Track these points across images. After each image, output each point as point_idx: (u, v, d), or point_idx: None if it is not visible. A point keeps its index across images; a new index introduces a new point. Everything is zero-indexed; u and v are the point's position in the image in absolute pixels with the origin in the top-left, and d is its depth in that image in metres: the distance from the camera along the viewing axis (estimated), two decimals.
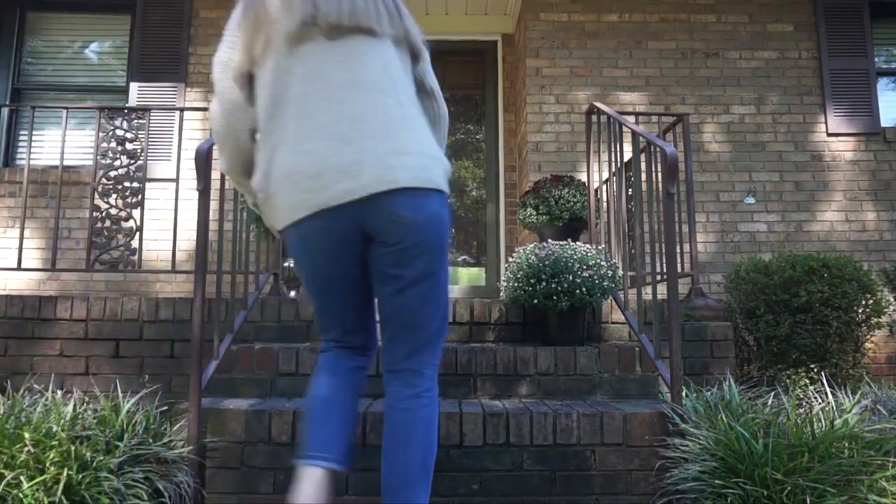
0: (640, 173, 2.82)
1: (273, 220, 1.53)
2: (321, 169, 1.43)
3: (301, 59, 1.49)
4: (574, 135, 4.99)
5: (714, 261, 4.86)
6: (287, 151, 1.46)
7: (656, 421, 2.25)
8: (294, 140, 1.46)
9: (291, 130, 1.47)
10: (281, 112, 1.49)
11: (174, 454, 2.07)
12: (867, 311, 3.62)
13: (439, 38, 5.78)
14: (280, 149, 1.48)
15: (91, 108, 4.48)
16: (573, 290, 2.77)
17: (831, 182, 4.98)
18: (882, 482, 1.81)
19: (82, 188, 4.83)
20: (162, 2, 5.12)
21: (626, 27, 5.15)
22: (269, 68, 1.51)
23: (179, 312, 3.10)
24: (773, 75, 5.10)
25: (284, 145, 1.47)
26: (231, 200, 3.51)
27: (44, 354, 3.07)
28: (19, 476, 1.79)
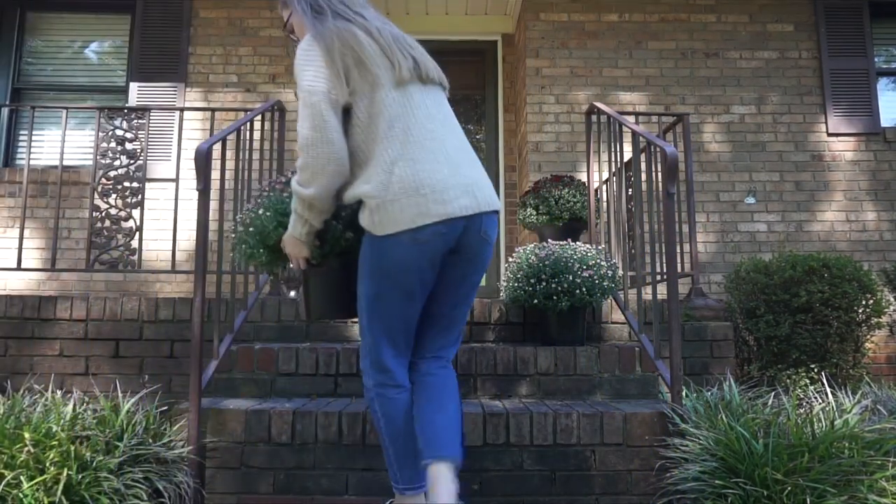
0: (640, 173, 2.82)
1: (387, 225, 1.69)
2: (447, 186, 1.70)
3: (409, 94, 1.78)
4: (574, 135, 4.99)
5: (714, 261, 4.86)
6: (410, 167, 1.70)
7: (656, 421, 2.25)
8: (416, 159, 1.71)
9: (412, 150, 1.72)
10: (397, 134, 1.73)
11: (174, 454, 2.07)
12: (867, 311, 3.62)
13: (439, 38, 5.77)
14: (399, 164, 1.70)
15: (91, 108, 4.48)
16: (573, 290, 2.77)
17: (831, 182, 4.98)
18: (882, 482, 1.80)
19: (82, 188, 4.83)
20: (162, 2, 5.12)
21: (626, 27, 5.15)
22: (378, 99, 1.75)
23: (179, 312, 3.10)
24: (774, 75, 5.10)
25: (405, 162, 1.70)
26: (231, 200, 3.51)
27: (44, 354, 3.07)
28: (19, 476, 1.79)
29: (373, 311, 1.77)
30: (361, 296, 1.79)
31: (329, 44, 1.74)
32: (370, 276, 1.75)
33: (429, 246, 1.70)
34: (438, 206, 1.68)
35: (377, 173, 1.70)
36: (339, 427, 2.24)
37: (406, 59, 1.78)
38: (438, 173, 1.71)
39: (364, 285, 1.78)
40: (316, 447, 2.23)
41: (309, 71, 1.73)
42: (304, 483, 2.21)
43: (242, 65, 5.06)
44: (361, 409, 2.29)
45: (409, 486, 1.83)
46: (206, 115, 4.92)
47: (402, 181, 1.68)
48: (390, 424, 1.81)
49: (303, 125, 1.71)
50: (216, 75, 5.05)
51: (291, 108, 4.88)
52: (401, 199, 1.68)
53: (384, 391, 1.81)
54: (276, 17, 5.12)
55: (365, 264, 1.76)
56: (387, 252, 1.71)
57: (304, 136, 1.71)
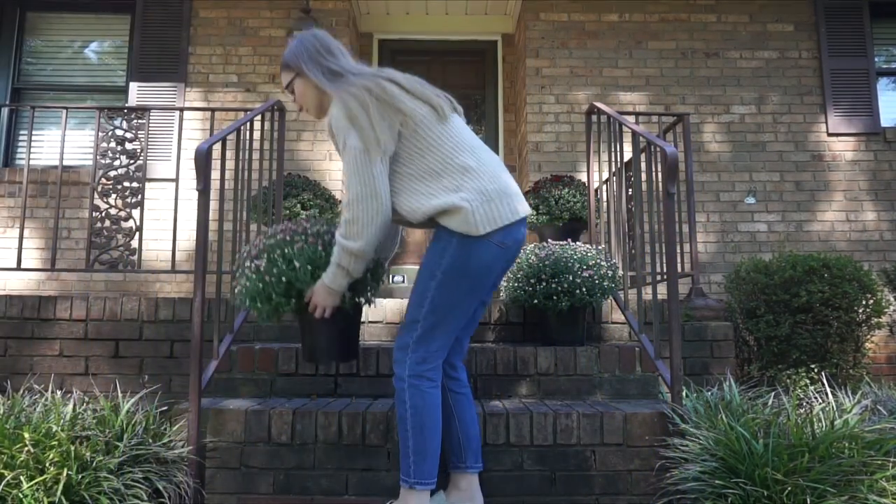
0: (640, 173, 2.82)
1: (486, 224, 1.85)
2: (517, 190, 1.96)
3: (454, 123, 1.97)
4: (574, 135, 4.99)
5: (714, 261, 4.86)
6: (491, 175, 1.91)
7: (656, 421, 2.25)
8: (491, 169, 1.92)
9: (484, 162, 1.93)
10: (465, 150, 1.92)
11: (174, 454, 2.07)
12: (867, 311, 3.62)
13: (439, 38, 5.78)
14: (481, 173, 1.89)
15: (91, 108, 4.47)
16: (573, 290, 2.77)
17: (831, 182, 4.98)
18: (882, 482, 1.80)
19: (82, 188, 4.82)
20: (162, 2, 5.12)
21: (626, 27, 5.15)
22: (431, 133, 1.91)
23: (179, 312, 3.10)
24: (774, 75, 5.10)
25: (485, 170, 1.91)
26: (231, 200, 3.51)
27: (43, 354, 3.07)
28: (19, 476, 1.79)
29: (437, 308, 1.88)
30: (426, 291, 1.89)
31: (363, 101, 1.86)
32: (448, 275, 1.87)
33: (510, 251, 1.91)
34: (520, 206, 1.93)
35: (465, 183, 1.87)
36: (339, 427, 2.24)
37: (439, 97, 1.96)
38: (509, 179, 1.97)
39: (435, 282, 1.88)
40: (316, 447, 2.23)
41: (352, 132, 1.84)
42: (304, 483, 2.21)
43: (242, 65, 5.06)
44: (361, 410, 2.29)
45: (423, 481, 1.87)
46: (205, 115, 4.92)
47: (493, 185, 1.89)
48: (417, 416, 1.87)
49: (351, 181, 1.84)
50: (216, 75, 5.05)
51: (291, 108, 4.88)
52: (495, 199, 1.87)
53: (419, 383, 1.89)
54: (276, 16, 5.12)
55: (442, 264, 1.88)
56: (474, 253, 1.86)
57: (354, 191, 1.83)
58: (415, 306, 1.92)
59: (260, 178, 3.41)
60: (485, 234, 1.84)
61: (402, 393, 1.89)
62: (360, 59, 2.22)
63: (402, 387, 1.90)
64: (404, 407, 1.89)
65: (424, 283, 1.90)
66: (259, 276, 2.05)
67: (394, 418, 2.24)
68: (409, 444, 1.88)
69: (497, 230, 1.86)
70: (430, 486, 1.88)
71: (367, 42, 5.74)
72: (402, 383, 1.90)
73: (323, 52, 2.01)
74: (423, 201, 1.87)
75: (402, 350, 1.92)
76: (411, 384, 1.89)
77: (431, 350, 1.91)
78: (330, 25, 5.06)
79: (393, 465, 2.22)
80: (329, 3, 5.11)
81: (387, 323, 3.12)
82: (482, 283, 1.91)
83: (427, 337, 1.90)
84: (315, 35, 2.06)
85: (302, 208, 4.19)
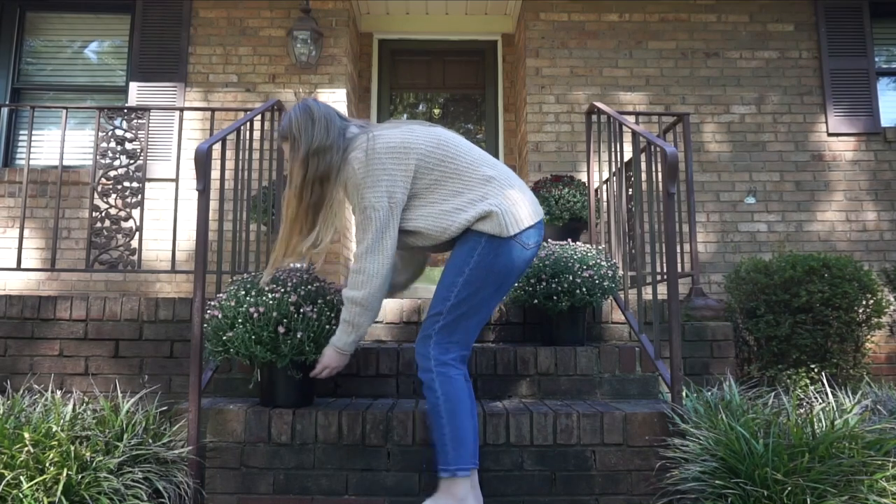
0: (640, 173, 2.82)
1: (514, 225, 1.97)
2: (532, 194, 2.11)
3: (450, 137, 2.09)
4: (574, 135, 4.99)
5: (714, 261, 4.86)
6: (509, 182, 2.03)
7: (656, 421, 2.25)
8: (507, 176, 2.05)
9: (498, 170, 2.05)
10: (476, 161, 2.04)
11: (174, 454, 2.07)
12: (867, 311, 3.62)
13: (439, 38, 5.78)
14: (502, 180, 2.02)
15: (91, 108, 4.47)
16: (573, 290, 2.77)
17: (832, 182, 4.98)
18: (882, 482, 1.80)
19: (82, 188, 4.82)
20: (161, 2, 5.11)
21: (626, 27, 5.15)
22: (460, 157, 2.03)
23: (179, 312, 3.10)
24: (774, 75, 5.10)
25: (504, 178, 2.03)
26: (231, 200, 3.51)
27: (43, 354, 3.07)
28: (19, 476, 1.79)
29: (462, 301, 1.97)
30: (453, 286, 1.97)
31: (382, 161, 1.96)
32: (475, 272, 1.96)
33: (531, 252, 2.03)
34: (538, 208, 2.09)
35: (490, 191, 1.99)
36: (339, 427, 2.24)
37: (434, 126, 2.09)
38: (523, 184, 2.10)
39: (462, 278, 1.97)
40: (316, 447, 2.23)
41: (368, 190, 1.95)
42: (304, 483, 2.21)
43: (242, 65, 5.06)
44: (361, 410, 2.29)
45: (464, 466, 1.91)
46: (205, 114, 4.91)
47: (514, 190, 2.02)
48: (449, 402, 1.92)
49: (364, 236, 1.96)
50: (216, 75, 5.05)
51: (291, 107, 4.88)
52: (518, 203, 2.01)
53: (446, 370, 1.95)
54: (276, 16, 5.12)
55: (470, 262, 1.97)
56: (502, 253, 1.97)
57: (366, 245, 1.96)
58: (439, 300, 1.99)
59: (260, 178, 3.41)
60: (512, 234, 1.96)
61: (432, 382, 1.94)
62: (361, 59, 2.25)
63: (429, 377, 1.95)
64: (435, 395, 1.93)
65: (451, 278, 1.98)
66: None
67: (394, 418, 2.24)
68: (445, 433, 1.92)
69: (522, 231, 1.98)
70: (471, 470, 1.92)
71: (367, 42, 5.74)
72: (430, 374, 1.95)
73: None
74: (454, 218, 1.98)
75: (425, 341, 1.98)
76: (439, 373, 1.94)
77: (453, 340, 1.97)
78: (330, 25, 5.06)
79: (393, 464, 2.22)
80: (329, 3, 5.11)
81: (387, 323, 3.12)
82: (506, 282, 2.01)
83: (449, 328, 1.97)
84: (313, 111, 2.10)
85: None
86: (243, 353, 2.18)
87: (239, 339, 2.16)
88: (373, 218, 1.95)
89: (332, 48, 5.03)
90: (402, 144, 1.99)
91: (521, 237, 1.99)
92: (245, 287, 2.26)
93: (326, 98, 4.97)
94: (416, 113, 5.96)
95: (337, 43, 5.05)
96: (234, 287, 2.29)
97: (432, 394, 1.94)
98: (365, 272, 1.97)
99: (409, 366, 2.66)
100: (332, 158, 1.99)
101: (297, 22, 4.86)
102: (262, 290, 2.22)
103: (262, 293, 2.21)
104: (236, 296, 2.22)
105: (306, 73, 5.00)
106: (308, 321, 2.18)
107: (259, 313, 2.15)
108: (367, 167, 1.95)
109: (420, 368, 1.99)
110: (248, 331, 2.15)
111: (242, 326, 2.16)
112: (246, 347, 2.16)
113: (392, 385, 2.66)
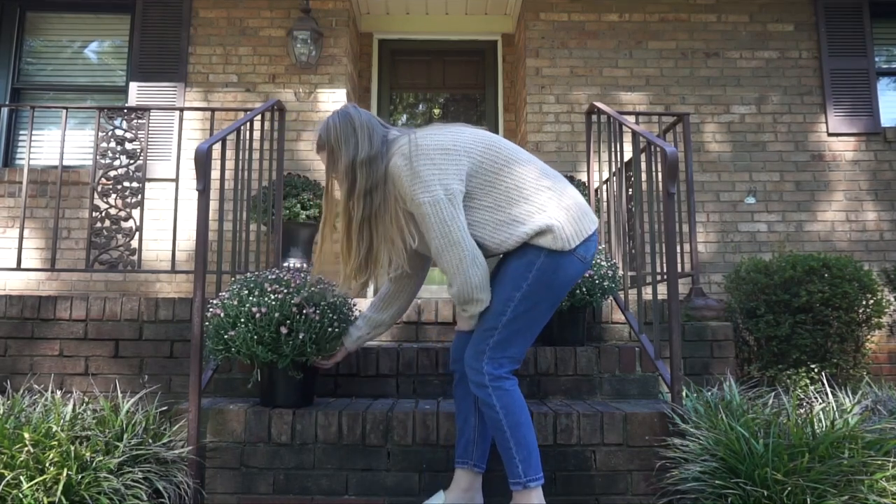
0: (640, 173, 2.82)
1: (573, 239, 1.89)
2: (585, 203, 2.01)
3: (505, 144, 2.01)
4: (574, 135, 4.99)
5: (714, 261, 4.86)
6: (562, 194, 1.94)
7: (656, 421, 2.25)
8: (562, 188, 1.96)
9: (558, 181, 1.98)
10: (536, 174, 1.95)
11: (174, 454, 2.07)
12: (868, 311, 3.62)
13: (439, 38, 5.78)
14: (551, 193, 1.92)
15: (91, 108, 4.47)
16: (573, 291, 2.76)
17: (832, 182, 4.98)
18: (882, 482, 1.80)
19: (82, 188, 4.82)
20: (161, 2, 5.11)
21: (626, 27, 5.15)
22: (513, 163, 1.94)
23: (179, 312, 3.10)
24: (774, 75, 5.10)
25: (560, 188, 1.95)
26: (231, 200, 3.51)
27: (43, 354, 3.07)
28: (19, 476, 1.79)
29: (519, 317, 1.89)
30: (509, 301, 1.89)
31: (430, 157, 1.86)
32: (534, 287, 1.89)
33: (587, 264, 1.97)
34: (593, 216, 2.00)
35: (548, 202, 1.91)
36: (339, 427, 2.24)
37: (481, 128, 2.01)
38: (576, 191, 2.01)
39: (520, 293, 1.89)
40: (316, 447, 2.23)
41: (419, 187, 1.84)
42: (304, 483, 2.21)
43: (242, 65, 5.06)
44: (361, 410, 2.29)
45: (534, 476, 1.86)
46: (205, 115, 4.91)
47: (570, 200, 1.94)
48: (510, 414, 1.86)
49: (431, 237, 1.86)
50: (216, 75, 5.05)
51: (291, 108, 4.88)
52: (575, 214, 1.92)
53: (501, 384, 1.88)
54: (276, 16, 5.12)
55: (529, 277, 1.89)
56: (561, 267, 1.90)
57: (435, 246, 1.87)
58: (494, 314, 1.91)
59: (260, 178, 3.41)
60: (573, 248, 1.89)
61: (488, 398, 1.88)
62: (360, 59, 2.23)
63: (485, 393, 1.89)
64: (494, 410, 1.87)
65: (508, 292, 1.90)
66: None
67: (394, 418, 2.24)
68: (510, 446, 1.86)
69: (580, 244, 1.91)
70: (541, 481, 1.87)
71: (367, 42, 5.73)
72: (485, 389, 1.89)
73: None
74: (512, 231, 1.90)
75: (478, 356, 1.91)
76: (494, 387, 1.88)
77: (507, 355, 1.91)
78: (330, 25, 5.06)
79: (393, 465, 2.22)
80: (329, 3, 5.11)
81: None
82: (562, 296, 1.97)
83: (504, 344, 1.90)
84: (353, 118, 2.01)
85: (302, 208, 4.19)
86: (244, 353, 2.19)
87: (240, 339, 2.16)
88: (430, 214, 1.83)
89: (332, 48, 5.03)
90: (453, 143, 1.90)
91: (580, 250, 1.92)
92: (248, 286, 2.27)
93: (326, 98, 4.97)
94: (416, 113, 5.96)
95: (337, 43, 5.05)
96: (236, 286, 2.30)
97: (491, 410, 1.88)
98: (448, 271, 1.88)
99: (408, 366, 2.66)
100: (377, 168, 1.90)
101: (297, 22, 4.86)
102: (265, 289, 2.23)
103: (265, 293, 2.21)
104: (239, 295, 2.23)
105: (306, 73, 5.00)
106: (310, 322, 2.18)
107: (261, 313, 2.16)
108: (414, 165, 1.85)
109: (473, 383, 1.92)
110: (250, 330, 2.16)
111: (244, 326, 2.16)
112: (247, 347, 2.17)
113: (392, 385, 2.66)
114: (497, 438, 1.89)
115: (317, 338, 2.19)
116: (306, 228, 4.28)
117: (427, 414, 2.26)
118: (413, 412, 2.26)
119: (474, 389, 1.91)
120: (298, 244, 4.27)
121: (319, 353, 2.22)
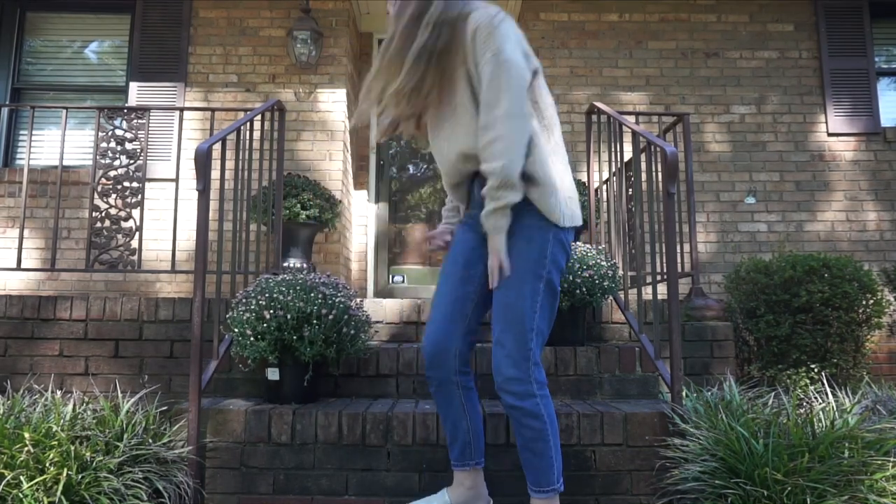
0: (640, 173, 2.82)
1: (574, 218, 1.75)
2: None
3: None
4: (574, 135, 4.99)
5: (714, 261, 4.86)
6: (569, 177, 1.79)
7: (656, 421, 2.25)
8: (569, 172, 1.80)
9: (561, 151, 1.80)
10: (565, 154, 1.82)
11: (174, 454, 2.07)
12: (868, 311, 3.62)
13: None
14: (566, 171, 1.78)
15: (91, 108, 4.47)
16: (573, 290, 2.76)
17: (832, 182, 4.98)
18: (882, 482, 1.80)
19: (82, 188, 4.82)
20: (161, 2, 5.11)
21: (626, 27, 5.15)
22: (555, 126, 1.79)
23: (179, 312, 3.10)
24: (774, 75, 5.10)
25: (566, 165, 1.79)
26: (231, 200, 3.51)
27: (43, 354, 3.07)
28: (19, 476, 1.79)
29: (544, 308, 1.72)
30: (536, 294, 1.70)
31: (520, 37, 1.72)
32: (553, 272, 1.72)
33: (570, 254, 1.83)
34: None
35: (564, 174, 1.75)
36: (339, 427, 2.24)
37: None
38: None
39: (543, 282, 1.71)
40: (316, 447, 2.23)
41: (505, 40, 1.64)
42: (304, 483, 2.21)
43: (242, 65, 5.06)
44: (361, 410, 2.29)
45: (560, 479, 1.80)
46: (205, 114, 4.91)
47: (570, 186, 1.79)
48: (553, 424, 1.74)
49: (499, 97, 1.62)
50: (216, 75, 5.05)
51: (291, 107, 4.88)
52: (573, 198, 1.77)
53: (545, 391, 1.73)
54: (276, 16, 5.11)
55: (545, 263, 1.71)
56: (566, 245, 1.75)
57: (504, 108, 1.62)
58: (527, 313, 1.69)
59: (260, 178, 3.41)
60: (570, 227, 1.75)
61: (536, 408, 1.69)
62: (360, 59, 2.20)
63: (533, 403, 1.69)
64: (542, 422, 1.70)
65: (531, 284, 1.69)
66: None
67: (394, 418, 2.24)
68: (551, 455, 1.73)
69: (572, 229, 1.77)
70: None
71: (367, 42, 5.73)
72: (533, 399, 1.69)
73: None
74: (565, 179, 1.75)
75: (523, 364, 1.69)
76: (542, 395, 1.71)
77: (538, 354, 1.74)
78: (330, 25, 5.06)
79: (392, 465, 2.22)
80: (329, 3, 5.11)
81: (387, 323, 3.12)
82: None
83: (539, 342, 1.73)
84: None
85: (302, 208, 4.19)
86: (269, 350, 2.34)
87: (271, 334, 2.32)
88: (512, 74, 1.61)
89: (332, 48, 5.03)
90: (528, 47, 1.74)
91: (571, 234, 1.77)
92: (280, 287, 2.42)
93: (326, 98, 4.97)
94: None
95: (337, 43, 5.05)
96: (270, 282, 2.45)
97: (538, 421, 1.69)
98: (505, 139, 1.61)
99: (408, 366, 2.66)
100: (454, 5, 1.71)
101: (297, 22, 4.86)
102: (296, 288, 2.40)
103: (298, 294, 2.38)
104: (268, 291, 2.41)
105: (306, 73, 5.00)
106: (327, 324, 2.35)
107: (289, 316, 2.32)
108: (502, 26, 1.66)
109: (516, 395, 1.69)
110: (276, 328, 2.32)
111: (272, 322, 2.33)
112: (273, 343, 2.32)
113: (392, 385, 2.66)
114: (533, 450, 1.72)
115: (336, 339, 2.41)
116: (306, 228, 4.28)
117: (427, 414, 2.26)
118: (413, 412, 2.26)
119: (518, 403, 1.69)
120: (298, 244, 4.27)
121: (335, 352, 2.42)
